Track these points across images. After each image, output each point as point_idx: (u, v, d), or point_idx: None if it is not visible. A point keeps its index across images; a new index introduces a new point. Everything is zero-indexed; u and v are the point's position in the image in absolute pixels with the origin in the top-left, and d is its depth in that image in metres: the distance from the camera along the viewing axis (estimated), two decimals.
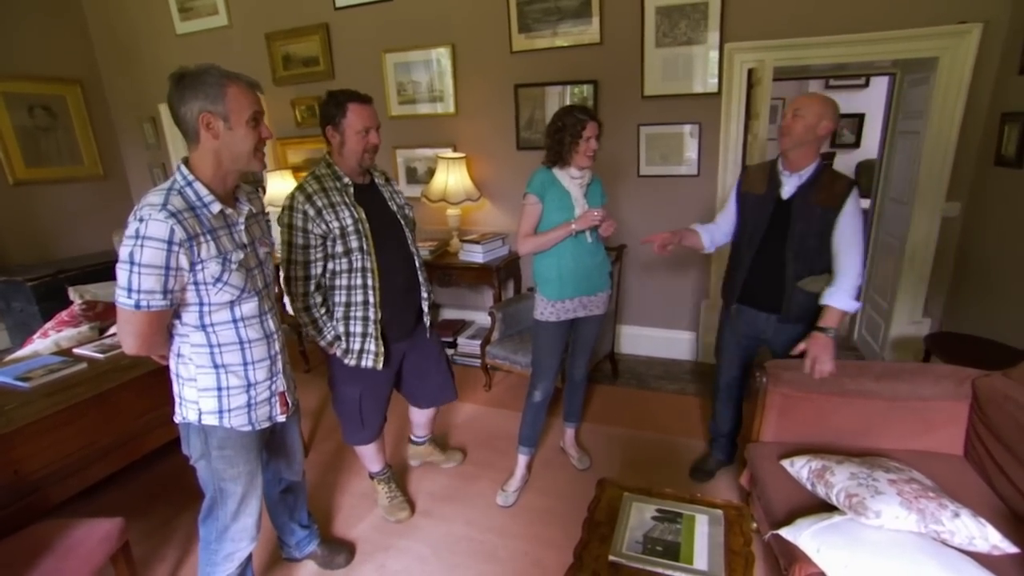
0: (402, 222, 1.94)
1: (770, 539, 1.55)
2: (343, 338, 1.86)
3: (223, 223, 1.31)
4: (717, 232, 2.16)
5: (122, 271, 1.17)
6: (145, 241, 1.15)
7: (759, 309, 2.00)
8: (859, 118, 6.89)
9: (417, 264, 1.99)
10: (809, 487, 1.59)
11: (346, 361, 1.87)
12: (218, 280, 1.27)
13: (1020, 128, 2.35)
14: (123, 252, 1.17)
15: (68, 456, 1.92)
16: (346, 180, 1.78)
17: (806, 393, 1.84)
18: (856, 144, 6.98)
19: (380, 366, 1.88)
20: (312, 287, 1.80)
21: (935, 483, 1.49)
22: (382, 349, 1.87)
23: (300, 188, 1.74)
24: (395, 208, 1.93)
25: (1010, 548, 1.30)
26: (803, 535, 1.39)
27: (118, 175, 4.89)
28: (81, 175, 4.60)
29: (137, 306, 1.18)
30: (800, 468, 1.63)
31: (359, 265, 1.79)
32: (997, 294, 2.54)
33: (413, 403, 2.27)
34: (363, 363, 1.87)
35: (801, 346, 1.82)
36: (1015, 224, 2.42)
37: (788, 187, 1.88)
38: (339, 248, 1.76)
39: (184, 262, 1.20)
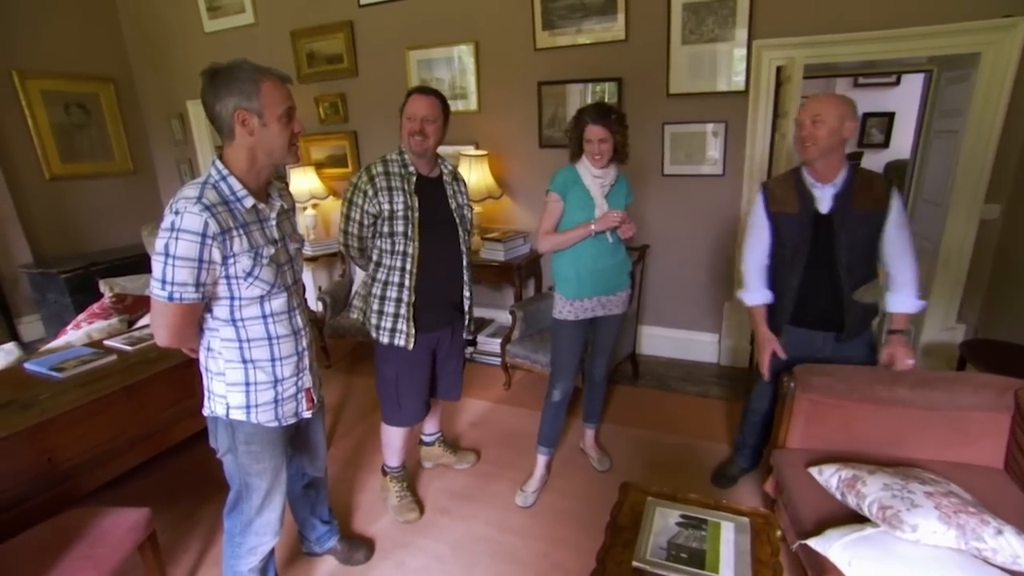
0: (457, 220, 1.99)
1: (798, 549, 1.51)
2: (379, 314, 1.94)
3: (255, 218, 1.32)
4: (761, 276, 1.97)
5: (157, 263, 1.19)
6: (180, 234, 1.16)
7: (815, 329, 1.90)
8: (889, 117, 6.69)
9: (464, 263, 2.04)
10: (839, 496, 1.54)
11: (381, 338, 1.95)
12: (249, 274, 1.28)
13: None
14: (159, 244, 1.18)
15: (98, 446, 1.97)
16: (411, 168, 1.88)
17: (836, 400, 1.79)
18: (885, 144, 6.78)
19: (411, 346, 1.94)
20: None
21: (974, 497, 1.43)
22: (412, 331, 1.93)
23: (367, 168, 1.88)
24: (454, 205, 1.99)
25: None
26: (834, 546, 1.35)
27: (147, 171, 5.00)
28: (112, 170, 4.72)
29: (170, 298, 1.20)
30: (829, 477, 1.59)
31: (400, 249, 1.88)
32: None
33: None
34: (396, 341, 1.94)
35: (885, 358, 1.80)
36: None
37: (824, 200, 1.77)
38: (386, 229, 1.87)
39: (217, 255, 1.21)
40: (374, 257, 1.95)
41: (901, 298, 1.77)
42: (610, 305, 2.13)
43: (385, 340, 1.95)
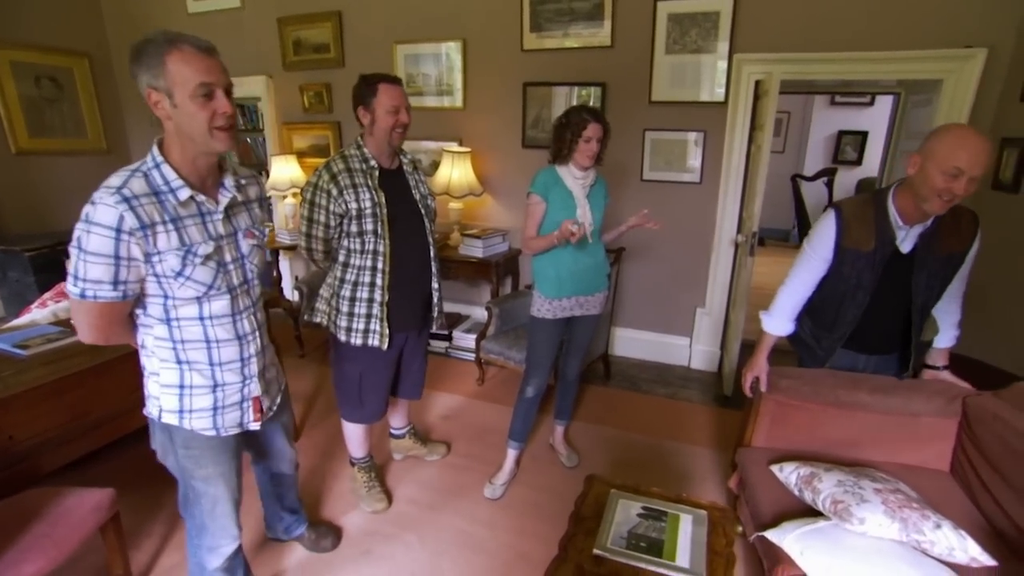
0: (423, 211, 1.97)
1: (755, 540, 1.58)
2: (349, 316, 1.88)
3: (194, 211, 1.19)
4: (796, 307, 1.80)
5: (72, 256, 1.08)
6: (92, 227, 1.06)
7: (869, 353, 1.82)
8: (863, 135, 6.95)
9: (432, 254, 2.01)
10: (796, 492, 1.62)
11: (352, 340, 1.89)
12: (179, 274, 1.16)
13: (1019, 154, 2.39)
14: (74, 235, 1.08)
15: (61, 426, 1.93)
16: (373, 163, 1.82)
17: (801, 402, 1.86)
18: (859, 161, 7.04)
19: (385, 345, 1.91)
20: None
21: (920, 496, 1.52)
22: (387, 330, 1.90)
23: (327, 167, 1.78)
24: (418, 197, 1.96)
25: (988, 560, 1.33)
26: (788, 538, 1.42)
27: (121, 150, 4.88)
28: (84, 148, 4.59)
29: (83, 296, 1.09)
30: (789, 474, 1.66)
31: (371, 248, 1.83)
32: (989, 316, 2.57)
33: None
34: (369, 342, 1.90)
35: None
36: (1009, 248, 2.46)
37: (908, 241, 1.58)
38: (354, 228, 1.80)
39: (137, 252, 1.09)
40: (340, 257, 1.87)
41: (952, 334, 1.75)
42: (588, 305, 2.18)
43: (358, 342, 1.89)
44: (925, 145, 1.43)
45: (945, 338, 1.77)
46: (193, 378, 1.26)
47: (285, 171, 3.89)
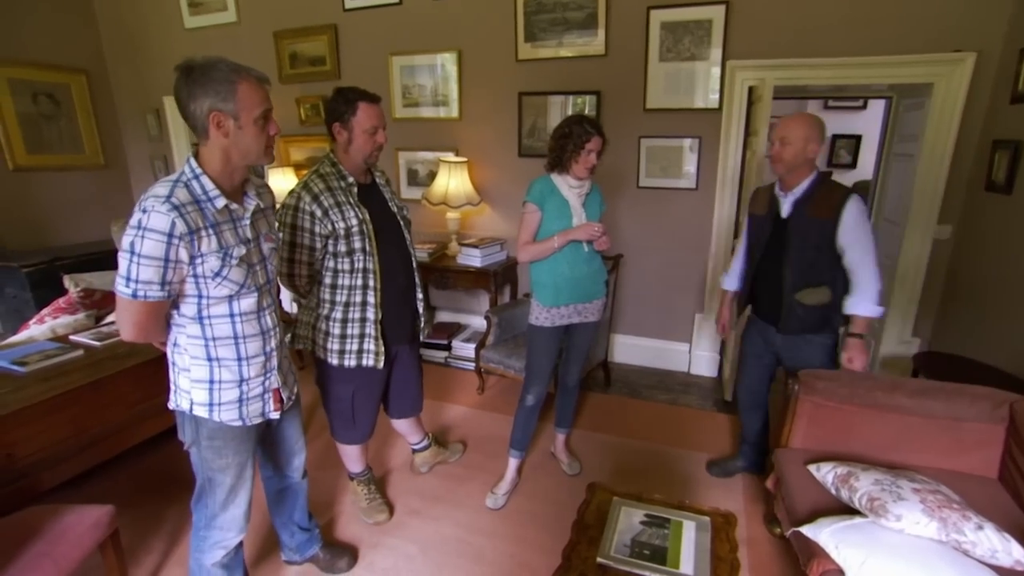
0: (401, 223, 1.95)
1: (791, 535, 1.58)
2: (341, 339, 1.84)
3: (227, 217, 1.31)
4: (738, 267, 2.29)
5: (123, 260, 1.18)
6: (146, 232, 1.16)
7: (765, 321, 2.13)
8: (856, 139, 7.01)
9: (414, 265, 2.01)
10: (833, 491, 1.61)
11: (346, 363, 1.86)
12: (217, 275, 1.27)
13: (1011, 156, 2.41)
14: (125, 241, 1.17)
15: (60, 442, 1.92)
16: (350, 179, 1.78)
17: (838, 404, 1.85)
18: (853, 165, 7.09)
19: (381, 365, 1.88)
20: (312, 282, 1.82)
21: (963, 499, 1.48)
22: (382, 348, 1.88)
23: (306, 187, 1.72)
24: (395, 209, 1.95)
25: None
26: (823, 533, 1.42)
27: (119, 166, 4.89)
28: (82, 164, 4.59)
29: (134, 296, 1.19)
30: (826, 473, 1.66)
31: (360, 266, 1.79)
32: (985, 316, 2.59)
33: (384, 410, 2.22)
34: (364, 362, 1.87)
35: (844, 360, 1.96)
36: (1004, 248, 2.47)
37: (785, 206, 1.97)
38: (342, 248, 1.75)
39: (184, 255, 1.21)
40: (327, 280, 1.81)
41: (854, 301, 1.90)
42: (586, 312, 2.18)
43: (352, 363, 1.85)
44: None
45: (850, 304, 1.92)
46: (222, 374, 1.36)
47: (282, 183, 3.90)
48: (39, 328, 2.56)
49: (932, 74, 2.64)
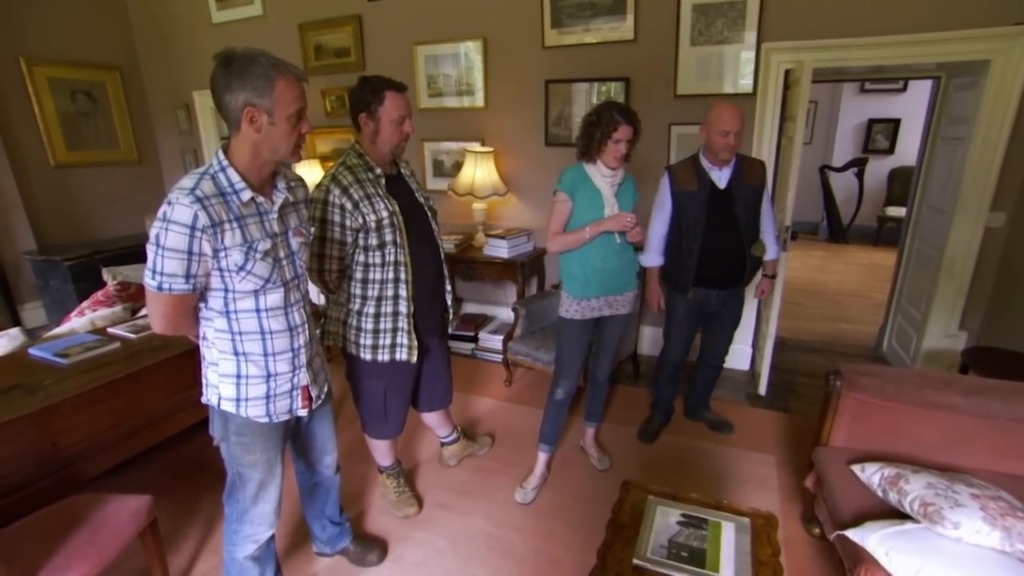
0: (429, 214, 1.93)
1: (835, 539, 1.51)
2: (374, 333, 1.83)
3: (253, 211, 1.29)
4: (660, 245, 2.41)
5: (149, 252, 1.19)
6: (170, 225, 1.15)
7: (716, 288, 2.35)
8: (895, 123, 6.70)
9: (442, 256, 1.98)
10: (880, 494, 1.54)
11: (379, 358, 1.85)
12: (241, 268, 1.26)
13: None
14: (152, 233, 1.18)
15: (101, 433, 1.97)
16: (378, 171, 1.75)
17: (883, 401, 1.77)
18: (891, 150, 6.79)
19: (414, 358, 1.87)
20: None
21: None
22: (415, 342, 1.86)
23: (335, 180, 1.68)
24: (422, 200, 1.92)
25: None
26: (872, 538, 1.35)
27: (152, 160, 5.01)
28: (117, 159, 4.72)
29: (159, 288, 1.20)
30: (872, 474, 1.58)
31: (392, 259, 1.77)
32: (1019, 306, 2.44)
33: (413, 404, 2.19)
34: (397, 356, 1.86)
35: (756, 293, 2.55)
36: None
37: (722, 178, 2.25)
38: (373, 241, 1.72)
39: (207, 248, 1.19)
40: (357, 275, 1.78)
41: (771, 247, 2.42)
42: (616, 305, 2.13)
43: (385, 358, 1.83)
44: (705, 118, 2.19)
45: (770, 252, 2.42)
46: (249, 368, 1.35)
47: (308, 176, 3.92)
48: (80, 320, 2.63)
49: (989, 50, 2.47)
